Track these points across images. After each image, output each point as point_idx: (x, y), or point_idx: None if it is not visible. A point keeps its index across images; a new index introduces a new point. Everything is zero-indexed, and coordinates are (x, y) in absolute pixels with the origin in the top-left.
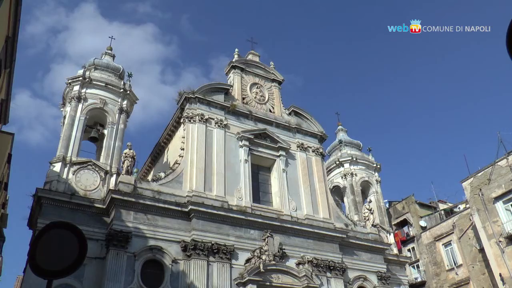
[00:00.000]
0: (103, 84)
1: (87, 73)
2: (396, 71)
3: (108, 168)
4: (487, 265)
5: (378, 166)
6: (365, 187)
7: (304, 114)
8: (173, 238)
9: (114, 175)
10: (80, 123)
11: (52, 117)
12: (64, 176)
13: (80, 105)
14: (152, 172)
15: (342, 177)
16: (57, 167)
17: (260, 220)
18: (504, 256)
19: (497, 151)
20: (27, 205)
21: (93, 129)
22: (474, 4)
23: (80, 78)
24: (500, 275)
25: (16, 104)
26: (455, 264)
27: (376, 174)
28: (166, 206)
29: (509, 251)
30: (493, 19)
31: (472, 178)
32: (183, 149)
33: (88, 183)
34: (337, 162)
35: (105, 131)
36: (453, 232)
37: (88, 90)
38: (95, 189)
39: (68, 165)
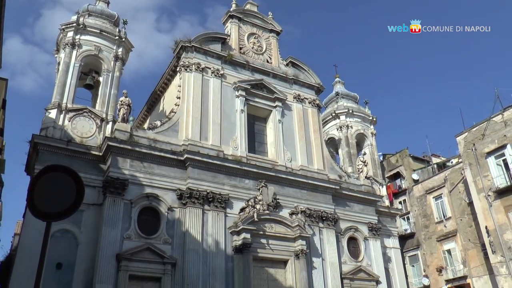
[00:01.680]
0: (98, 31)
1: (81, 19)
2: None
3: (104, 116)
4: (475, 218)
5: (374, 119)
6: (360, 140)
7: (302, 65)
8: (169, 186)
9: (110, 123)
10: (75, 69)
11: (45, 63)
12: (60, 123)
13: (75, 52)
14: (148, 121)
15: (337, 129)
16: (52, 113)
17: (255, 170)
18: (491, 210)
19: (493, 106)
20: (24, 151)
21: (88, 76)
22: (474, 4)
23: (74, 24)
24: (486, 227)
25: (7, 49)
26: (444, 217)
27: (372, 127)
28: (162, 154)
29: (496, 204)
30: (493, 19)
31: (466, 133)
32: (179, 97)
33: (84, 130)
34: (333, 114)
35: (101, 79)
36: (444, 186)
37: (83, 37)
38: (91, 136)
39: (63, 111)
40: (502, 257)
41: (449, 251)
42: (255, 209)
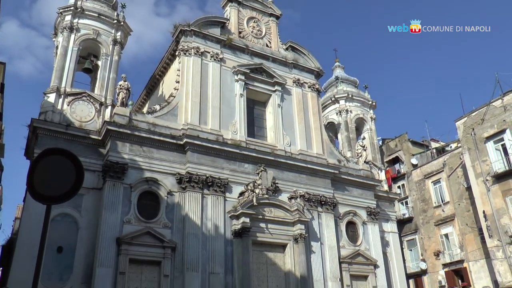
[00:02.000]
0: (96, 15)
1: (79, 2)
2: (396, 10)
3: (103, 100)
4: (472, 203)
5: (374, 104)
6: (360, 124)
7: (301, 49)
8: (168, 170)
9: (109, 107)
10: (73, 53)
11: (43, 47)
12: (59, 107)
13: (73, 36)
14: (147, 105)
15: (337, 114)
16: (51, 97)
17: (254, 154)
18: (489, 194)
19: (493, 91)
20: (23, 135)
21: (87, 60)
22: (474, 4)
23: (72, 8)
24: (484, 212)
25: (3, 32)
26: (442, 201)
27: (371, 111)
28: (161, 138)
29: (494, 189)
30: (493, 19)
31: (466, 118)
32: (178, 82)
33: (83, 114)
34: (333, 99)
35: (99, 63)
36: (443, 171)
37: (81, 21)
38: (90, 120)
39: (62, 96)
40: (499, 241)
41: (446, 236)
42: (254, 194)
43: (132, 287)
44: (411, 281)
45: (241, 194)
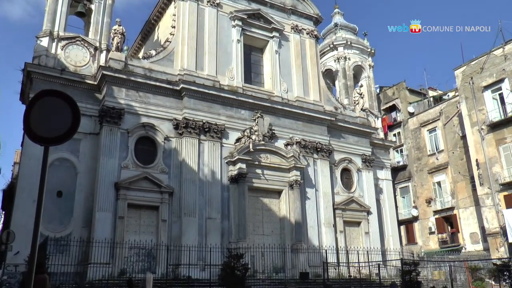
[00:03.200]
0: None
1: None
2: None
3: (97, 44)
4: (466, 151)
5: (372, 51)
6: (357, 72)
7: None
8: (165, 116)
9: (104, 52)
10: None
11: None
12: (53, 51)
13: None
14: (142, 50)
15: (335, 61)
16: (44, 41)
17: (251, 101)
18: (483, 143)
19: (495, 40)
20: (18, 80)
21: (80, 3)
22: (474, 4)
23: None
24: (477, 160)
25: None
26: (436, 150)
27: (370, 59)
28: (158, 84)
29: (488, 138)
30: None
31: (465, 67)
32: (174, 27)
33: (77, 59)
34: (331, 46)
35: (92, 6)
36: (439, 119)
37: None
38: (85, 65)
39: (56, 40)
40: (489, 189)
41: (439, 183)
42: (251, 140)
43: (131, 231)
44: (402, 228)
45: (238, 140)
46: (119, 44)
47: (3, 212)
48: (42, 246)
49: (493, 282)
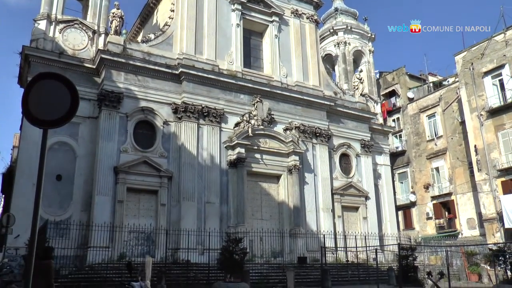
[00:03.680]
0: None
1: None
2: None
3: (95, 28)
4: (465, 137)
5: (373, 36)
6: (357, 57)
7: None
8: (164, 100)
9: (103, 35)
10: None
11: None
12: (51, 35)
13: None
14: (141, 34)
15: (335, 46)
16: (42, 24)
17: (250, 85)
18: (482, 129)
19: (496, 25)
20: (16, 63)
21: None
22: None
23: None
24: (475, 146)
25: None
26: (435, 135)
27: (370, 44)
28: (157, 68)
29: (487, 124)
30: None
31: (465, 52)
32: (173, 10)
33: (76, 42)
34: (331, 30)
35: None
36: (438, 105)
37: None
38: (83, 48)
39: (53, 23)
40: (487, 175)
41: (437, 169)
42: (250, 124)
43: (130, 215)
44: (400, 213)
45: (237, 124)
46: (117, 28)
47: (3, 195)
48: (42, 229)
49: (488, 267)
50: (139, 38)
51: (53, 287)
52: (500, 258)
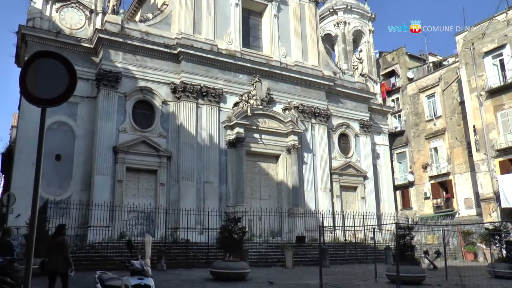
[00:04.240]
0: None
1: None
2: None
3: (93, 7)
4: (464, 117)
5: (373, 16)
6: (357, 37)
7: None
8: (162, 80)
9: (100, 15)
10: None
11: None
12: (47, 14)
13: None
14: (139, 14)
15: (334, 26)
16: (38, 3)
17: (249, 65)
18: (481, 109)
19: (498, 5)
20: (13, 43)
21: None
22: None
23: None
24: (474, 126)
25: None
26: (434, 115)
27: (370, 23)
28: (155, 47)
29: (487, 104)
30: None
31: (466, 32)
32: None
33: (73, 22)
34: (331, 10)
35: None
36: (438, 85)
37: None
38: (81, 28)
39: (50, 2)
40: (485, 155)
41: (435, 149)
42: (249, 104)
43: (130, 195)
44: (398, 193)
45: (236, 104)
46: (115, 7)
47: (3, 175)
48: (42, 209)
49: (484, 246)
50: (137, 18)
51: (70, 259)
52: (496, 237)
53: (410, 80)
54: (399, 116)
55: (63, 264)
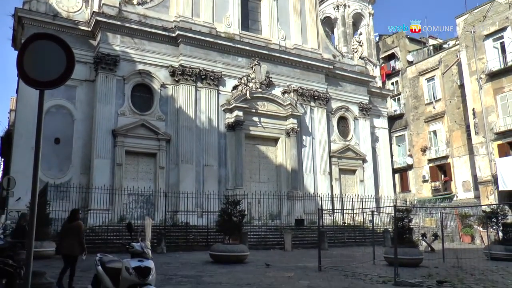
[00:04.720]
0: None
1: None
2: None
3: None
4: (463, 100)
5: None
6: (357, 20)
7: None
8: (161, 63)
9: None
10: None
11: None
12: None
13: None
14: None
15: (334, 8)
16: None
17: (248, 48)
18: (481, 92)
19: None
20: (9, 26)
21: None
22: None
23: None
24: (473, 109)
25: None
26: (434, 99)
27: (370, 6)
28: (153, 30)
29: (486, 87)
30: None
31: (467, 15)
32: None
33: (70, 4)
34: None
35: None
36: (438, 68)
37: None
38: (78, 11)
39: None
40: (484, 138)
41: (434, 132)
42: (248, 87)
43: (129, 178)
44: (396, 176)
45: (235, 87)
46: None
47: (2, 159)
48: (42, 192)
49: (481, 229)
50: (135, 1)
51: (84, 243)
52: (493, 219)
53: (410, 63)
54: (399, 99)
55: (78, 247)
